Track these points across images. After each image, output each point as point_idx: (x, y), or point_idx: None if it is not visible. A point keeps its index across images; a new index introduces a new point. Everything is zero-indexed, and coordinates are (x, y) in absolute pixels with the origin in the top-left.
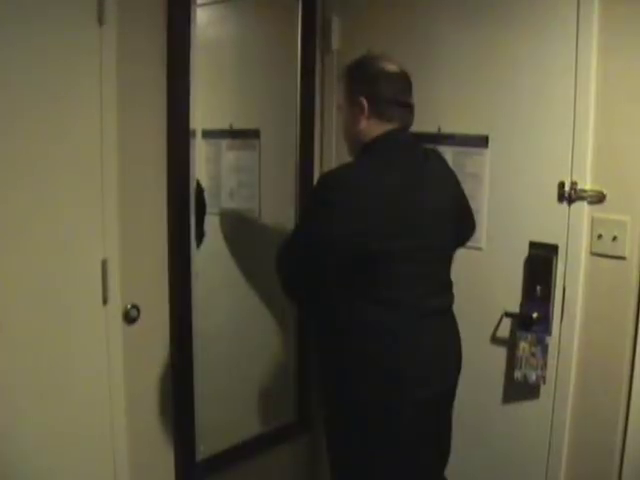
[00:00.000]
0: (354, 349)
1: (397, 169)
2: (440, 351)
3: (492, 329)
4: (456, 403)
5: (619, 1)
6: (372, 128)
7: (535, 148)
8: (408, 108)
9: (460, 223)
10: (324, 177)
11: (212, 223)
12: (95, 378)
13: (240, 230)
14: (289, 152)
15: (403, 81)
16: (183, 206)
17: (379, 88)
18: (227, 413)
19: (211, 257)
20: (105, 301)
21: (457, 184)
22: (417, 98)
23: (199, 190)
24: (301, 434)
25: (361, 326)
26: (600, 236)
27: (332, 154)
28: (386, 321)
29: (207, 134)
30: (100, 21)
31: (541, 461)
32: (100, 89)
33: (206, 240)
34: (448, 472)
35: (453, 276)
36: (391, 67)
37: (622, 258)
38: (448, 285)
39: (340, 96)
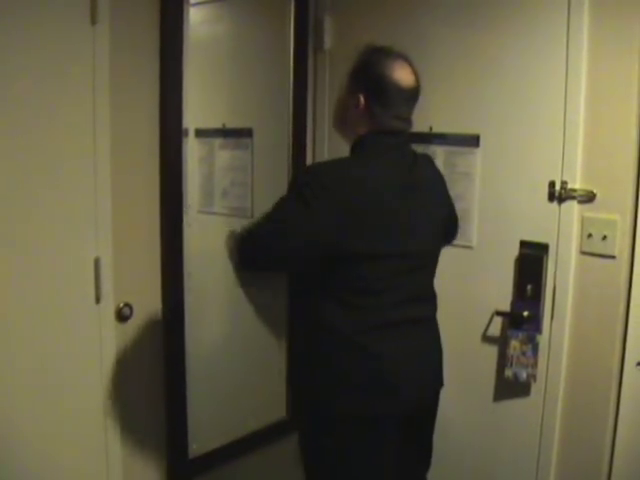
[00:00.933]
0: (321, 350)
1: (386, 169)
2: (411, 363)
3: (483, 328)
4: (447, 402)
5: (609, 3)
6: (361, 126)
7: (526, 147)
8: (405, 121)
9: (445, 232)
10: (313, 166)
11: (205, 222)
12: (88, 376)
13: (233, 228)
14: (282, 151)
15: (411, 98)
16: (176, 205)
17: (383, 98)
18: (219, 411)
19: (204, 256)
20: (98, 299)
21: (447, 192)
22: None
23: None
24: (293, 431)
25: (327, 329)
26: (590, 235)
27: (324, 153)
28: (353, 328)
29: (200, 133)
30: (93, 20)
31: (532, 459)
32: (93, 88)
33: (199, 239)
34: (438, 470)
35: (444, 275)
36: (406, 80)
37: (612, 257)
38: (427, 295)
39: (344, 79)
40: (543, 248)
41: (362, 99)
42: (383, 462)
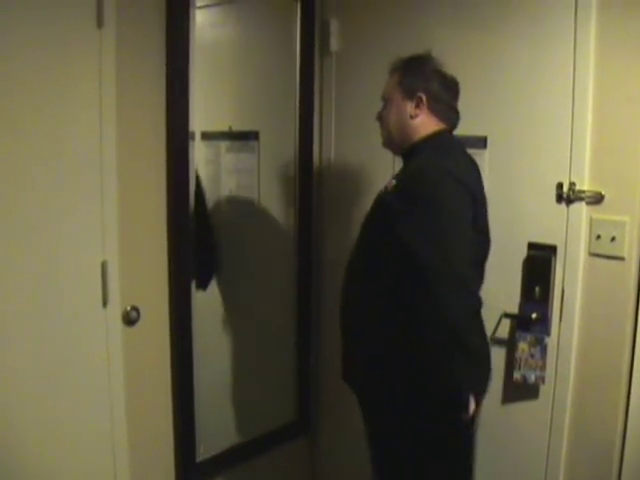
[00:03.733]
0: None
1: (470, 167)
2: None
3: (491, 330)
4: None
5: (616, 3)
6: (428, 124)
7: (533, 149)
8: (457, 113)
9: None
10: (426, 172)
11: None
12: (95, 380)
13: (239, 232)
14: (288, 154)
15: (456, 86)
16: (183, 207)
17: (437, 87)
18: (227, 414)
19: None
20: (105, 303)
21: None
22: None
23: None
24: (301, 434)
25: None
26: (599, 237)
27: (331, 156)
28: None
29: (206, 136)
30: (99, 23)
31: (540, 461)
32: (99, 92)
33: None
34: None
35: None
36: (446, 71)
37: (621, 258)
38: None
39: (390, 89)
40: (551, 250)
41: (424, 97)
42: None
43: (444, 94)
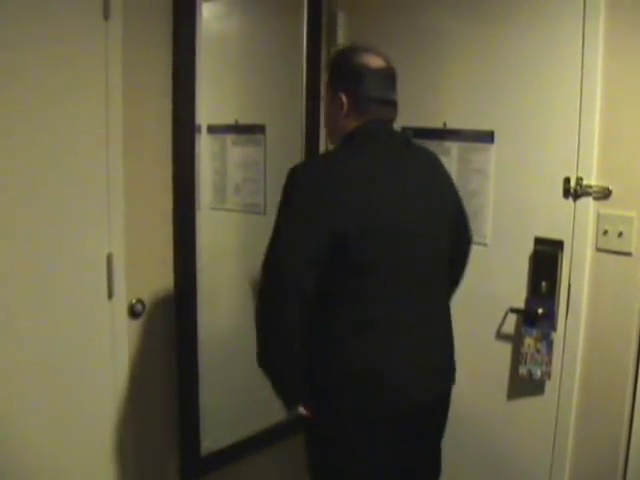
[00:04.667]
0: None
1: (371, 158)
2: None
3: (497, 325)
4: (461, 399)
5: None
6: (350, 123)
7: (541, 143)
8: (390, 104)
9: (454, 232)
10: (297, 166)
11: (218, 218)
12: (100, 372)
13: (246, 225)
14: (294, 147)
15: (386, 78)
16: (188, 201)
17: (360, 86)
18: (232, 408)
19: (216, 252)
20: (110, 295)
21: (453, 188)
22: (422, 93)
23: None
24: (300, 431)
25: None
26: (606, 232)
27: None
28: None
29: (212, 129)
30: (105, 15)
31: (546, 457)
32: (105, 84)
33: (211, 235)
34: (452, 467)
35: None
36: (375, 62)
37: (628, 254)
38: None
39: (324, 86)
40: (558, 245)
41: (344, 97)
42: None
43: (372, 90)
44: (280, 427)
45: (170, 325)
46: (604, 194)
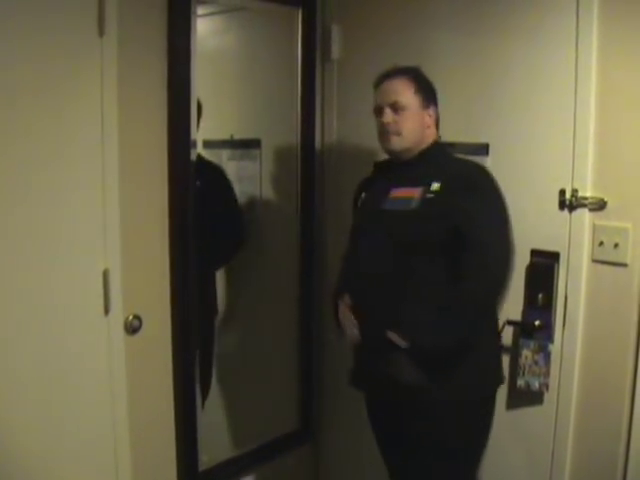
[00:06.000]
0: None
1: None
2: None
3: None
4: None
5: (618, 8)
6: (430, 136)
7: (536, 155)
8: None
9: None
10: (483, 169)
11: None
12: (97, 388)
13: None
14: (291, 162)
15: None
16: (185, 217)
17: (437, 105)
18: (229, 423)
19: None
20: (107, 311)
21: None
22: None
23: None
24: (304, 442)
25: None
26: (602, 243)
27: (332, 163)
28: None
29: (208, 144)
30: (100, 32)
31: (545, 468)
32: (101, 100)
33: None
34: None
35: None
36: None
37: (624, 265)
38: None
39: (407, 97)
40: (554, 257)
41: (432, 112)
42: None
43: (437, 106)
44: (278, 442)
45: (167, 340)
46: (599, 205)
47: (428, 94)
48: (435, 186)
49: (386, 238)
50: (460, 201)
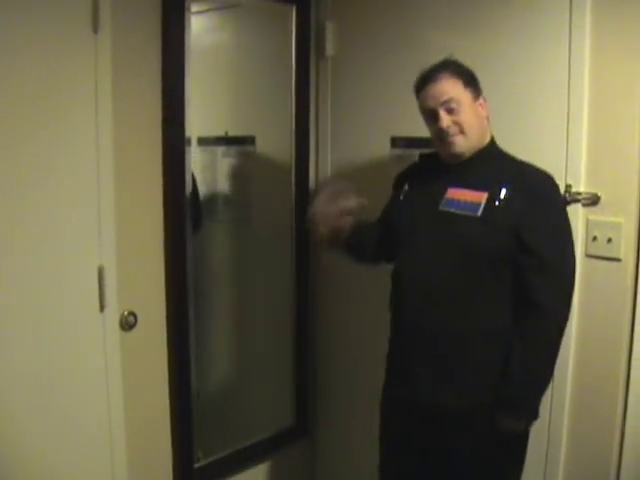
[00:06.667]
0: None
1: None
2: None
3: None
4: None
5: (611, 4)
6: (489, 130)
7: (529, 151)
8: None
9: None
10: (553, 179)
11: (208, 229)
12: (93, 385)
13: (237, 236)
14: (285, 159)
15: None
16: (179, 213)
17: None
18: (225, 419)
19: (208, 264)
20: (102, 308)
21: None
22: (411, 104)
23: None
24: (300, 438)
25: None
26: (595, 238)
27: (327, 160)
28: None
29: (203, 141)
30: (95, 29)
31: (539, 461)
32: (95, 97)
33: (203, 246)
34: None
35: None
36: None
37: (617, 260)
38: None
39: (457, 93)
40: None
41: (483, 100)
42: None
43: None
44: (274, 437)
45: (163, 337)
46: (593, 200)
47: (475, 84)
48: (504, 192)
49: (450, 246)
50: (530, 213)
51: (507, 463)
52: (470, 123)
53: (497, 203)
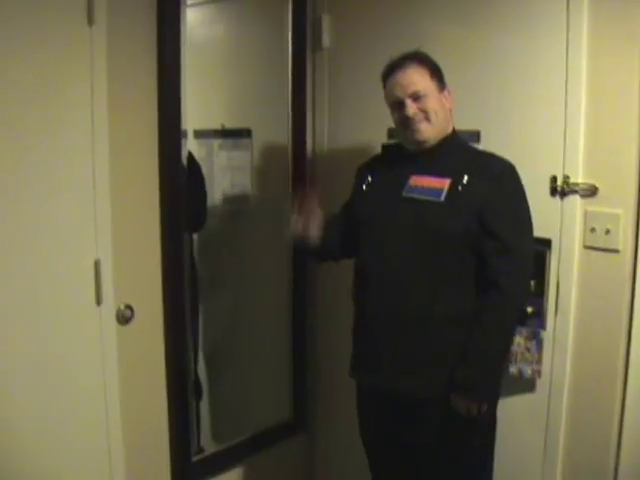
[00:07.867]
0: None
1: None
2: None
3: None
4: None
5: None
6: (453, 121)
7: (527, 142)
8: None
9: None
10: (514, 168)
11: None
12: (89, 379)
13: (234, 230)
14: (282, 151)
15: None
16: (176, 205)
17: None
18: (223, 413)
19: (205, 256)
20: (98, 301)
21: None
22: None
23: (196, 167)
24: (297, 433)
25: None
26: (593, 229)
27: (324, 153)
28: None
29: (199, 134)
30: (90, 21)
31: (537, 455)
32: (91, 90)
33: (200, 239)
34: None
35: None
36: None
37: (615, 251)
38: None
39: (424, 83)
40: (546, 243)
41: (448, 93)
42: None
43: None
44: (271, 431)
45: (159, 330)
46: (591, 192)
47: (441, 76)
48: (466, 179)
49: (415, 231)
50: (492, 198)
51: (475, 444)
52: (435, 111)
53: (460, 188)
